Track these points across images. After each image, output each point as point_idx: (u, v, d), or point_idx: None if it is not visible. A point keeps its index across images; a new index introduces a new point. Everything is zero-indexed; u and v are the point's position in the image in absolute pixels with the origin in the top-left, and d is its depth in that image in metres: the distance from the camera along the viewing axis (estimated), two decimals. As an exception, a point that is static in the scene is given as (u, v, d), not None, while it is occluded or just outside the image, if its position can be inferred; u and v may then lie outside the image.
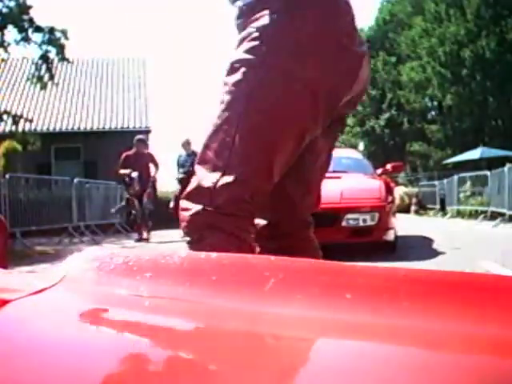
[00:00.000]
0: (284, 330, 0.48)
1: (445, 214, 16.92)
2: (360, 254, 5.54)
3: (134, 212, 10.04)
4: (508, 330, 0.44)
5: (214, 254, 0.60)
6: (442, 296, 0.48)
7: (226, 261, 0.59)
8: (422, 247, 7.13)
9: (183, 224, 1.40)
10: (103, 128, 18.51)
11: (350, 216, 5.87)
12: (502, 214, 11.46)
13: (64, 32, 12.73)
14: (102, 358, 0.44)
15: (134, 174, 9.60)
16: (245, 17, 1.45)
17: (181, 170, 9.71)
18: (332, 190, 5.85)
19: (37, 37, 12.68)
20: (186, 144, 9.96)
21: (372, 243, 6.02)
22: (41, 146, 14.28)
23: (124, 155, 9.93)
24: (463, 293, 0.48)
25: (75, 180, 11.42)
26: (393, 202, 6.60)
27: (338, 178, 6.25)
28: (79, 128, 18.43)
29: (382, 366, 0.40)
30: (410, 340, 0.44)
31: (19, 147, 14.12)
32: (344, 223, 5.86)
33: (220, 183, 1.36)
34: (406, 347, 0.44)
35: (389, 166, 7.53)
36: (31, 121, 14.80)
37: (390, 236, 6.18)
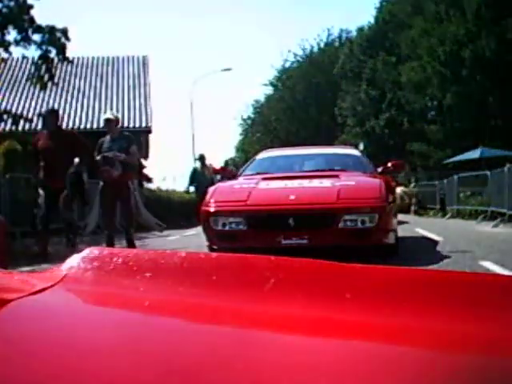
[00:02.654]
0: (284, 329, 0.48)
1: (445, 213, 16.91)
2: (358, 259, 5.26)
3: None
4: (507, 329, 0.44)
5: (214, 254, 0.60)
6: (442, 296, 0.48)
7: (225, 261, 0.59)
8: (422, 247, 7.13)
9: None
10: (103, 128, 18.50)
11: (347, 217, 5.38)
12: (502, 214, 11.46)
13: (64, 31, 12.74)
14: (101, 357, 0.44)
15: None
16: None
17: (109, 154, 6.97)
18: (328, 189, 5.58)
19: (37, 37, 12.72)
20: (115, 122, 7.31)
21: (371, 246, 5.53)
22: (41, 146, 14.28)
23: (33, 140, 7.00)
24: (463, 293, 0.48)
25: (75, 180, 11.38)
26: (394, 201, 6.19)
27: (336, 176, 5.93)
28: (79, 128, 18.40)
29: (381, 365, 0.40)
30: (409, 340, 0.44)
31: (19, 147, 14.14)
32: (341, 225, 5.34)
33: None
34: (406, 347, 0.44)
35: (390, 164, 7.12)
36: (31, 121, 14.81)
37: (391, 239, 5.76)
